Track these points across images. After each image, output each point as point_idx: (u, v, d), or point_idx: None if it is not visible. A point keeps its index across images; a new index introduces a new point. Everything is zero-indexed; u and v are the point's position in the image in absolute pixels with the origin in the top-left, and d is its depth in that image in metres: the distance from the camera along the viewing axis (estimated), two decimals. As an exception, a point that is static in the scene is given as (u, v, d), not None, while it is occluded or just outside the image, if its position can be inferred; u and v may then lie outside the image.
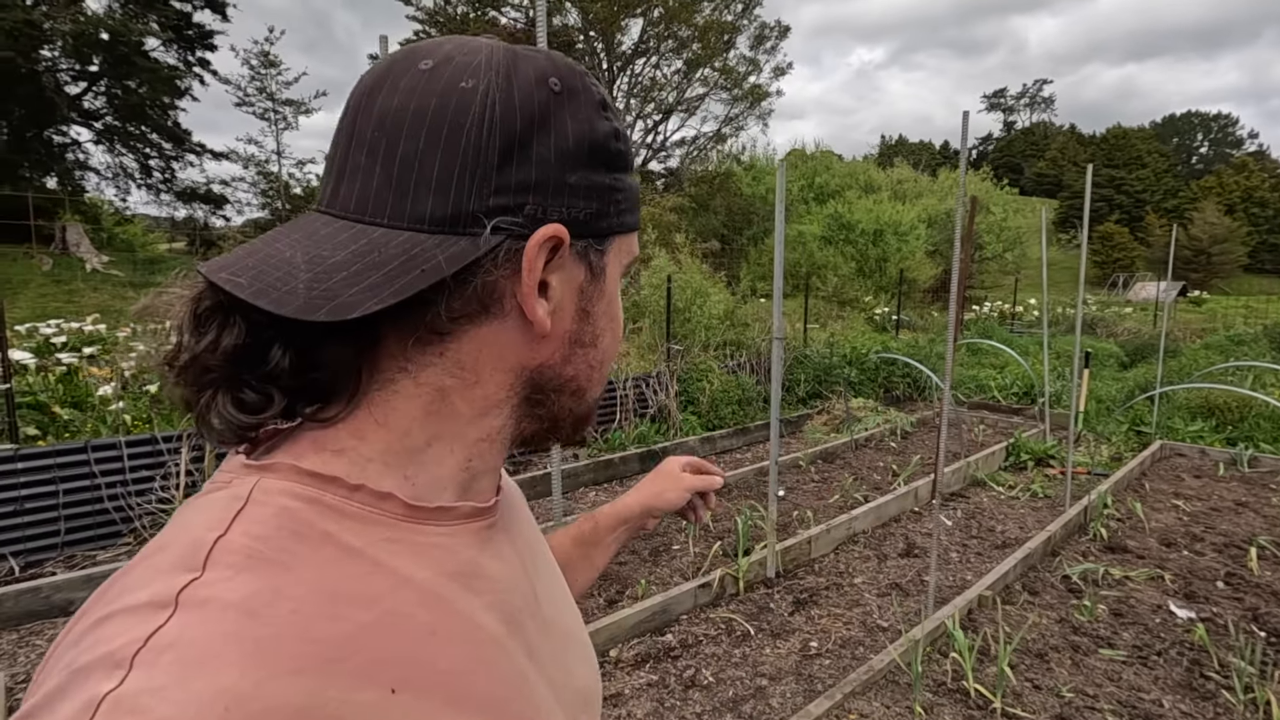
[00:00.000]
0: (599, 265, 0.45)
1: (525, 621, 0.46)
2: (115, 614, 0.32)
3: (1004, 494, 5.10)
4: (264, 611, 0.33)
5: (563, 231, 0.40)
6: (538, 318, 0.41)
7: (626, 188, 0.46)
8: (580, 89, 0.43)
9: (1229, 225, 42.96)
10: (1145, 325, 15.33)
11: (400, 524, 0.41)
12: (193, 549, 0.35)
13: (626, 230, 0.47)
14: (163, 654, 0.30)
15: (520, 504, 0.56)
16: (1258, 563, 3.79)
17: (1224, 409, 6.61)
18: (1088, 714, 2.49)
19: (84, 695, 0.29)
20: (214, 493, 0.39)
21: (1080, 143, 73.25)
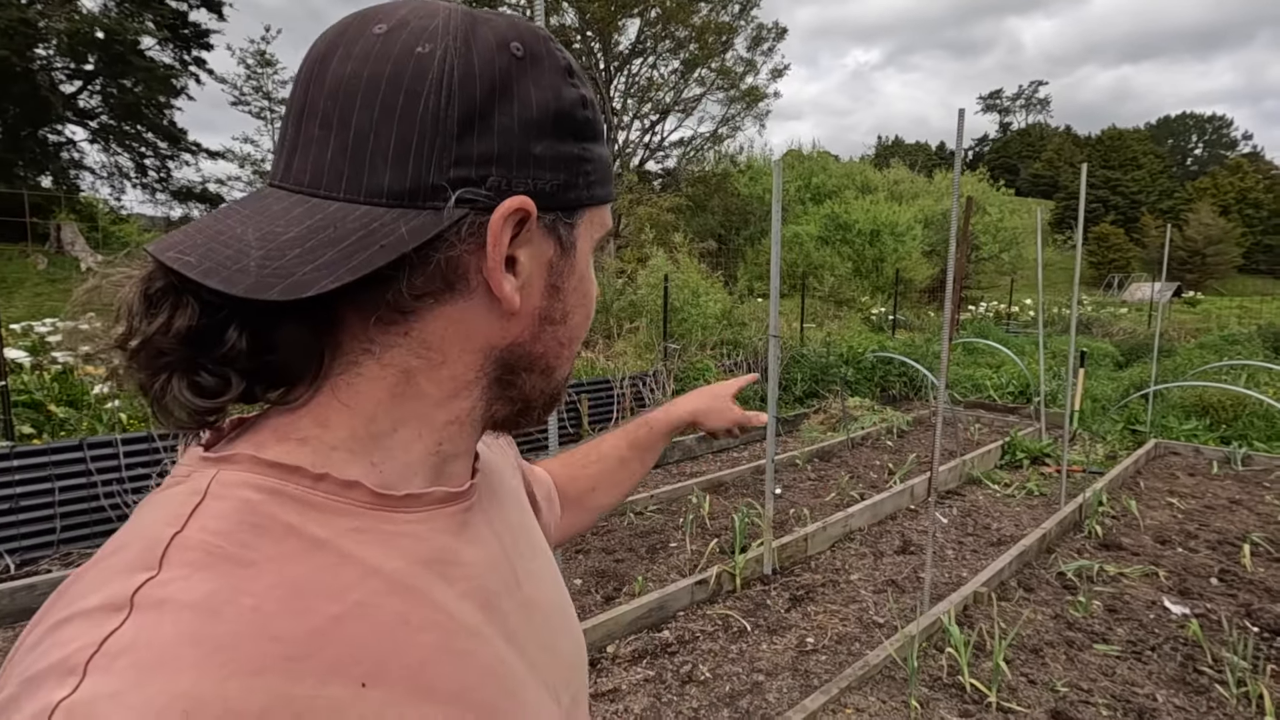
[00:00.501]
0: (569, 239, 0.43)
1: (503, 605, 0.45)
2: (70, 618, 0.31)
3: (1000, 492, 5.12)
4: (224, 610, 0.32)
5: (529, 204, 0.39)
6: (505, 294, 0.39)
7: (596, 158, 0.44)
8: (544, 54, 0.41)
9: (1224, 226, 43.15)
10: (1140, 325, 15.39)
11: (368, 513, 0.39)
12: (149, 547, 0.33)
13: (597, 202, 0.45)
14: (117, 659, 0.29)
15: (503, 481, 0.55)
16: (1251, 559, 3.81)
17: (1218, 408, 6.65)
18: (1082, 709, 2.50)
19: (36, 704, 0.28)
20: (172, 487, 0.38)
21: (1076, 144, 73.47)
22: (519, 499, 0.58)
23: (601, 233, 0.47)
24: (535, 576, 0.52)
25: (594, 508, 0.86)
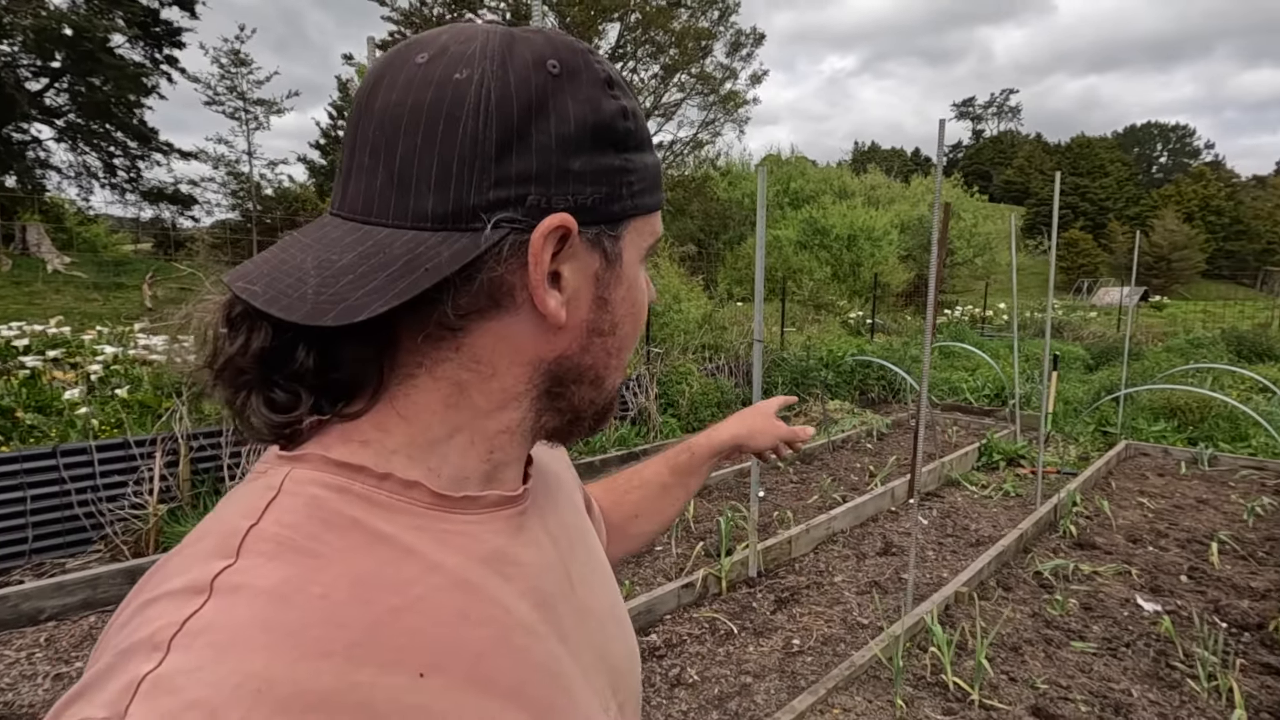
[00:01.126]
0: (614, 251, 0.44)
1: (558, 606, 0.47)
2: (157, 598, 0.34)
3: (977, 493, 5.21)
4: (294, 597, 0.34)
5: (569, 221, 0.39)
6: (550, 310, 0.40)
7: (640, 167, 0.44)
8: (582, 67, 0.41)
9: (1188, 233, 44.36)
10: (1109, 329, 15.76)
11: (428, 512, 0.41)
12: (228, 537, 0.36)
13: (643, 211, 0.45)
14: (197, 637, 0.32)
15: (559, 487, 0.57)
16: (1219, 557, 3.93)
17: (1185, 410, 6.83)
18: (1061, 704, 2.56)
19: (127, 675, 0.30)
20: (251, 482, 0.41)
21: (1046, 151, 75.03)
22: (575, 504, 0.59)
23: (651, 240, 0.47)
24: (589, 581, 0.53)
25: (637, 535, 0.84)
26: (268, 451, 0.43)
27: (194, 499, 4.04)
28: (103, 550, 3.72)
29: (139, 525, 3.71)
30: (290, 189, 22.84)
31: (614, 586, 0.58)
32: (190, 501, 4.02)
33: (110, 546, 3.70)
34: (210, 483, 4.10)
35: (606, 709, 0.49)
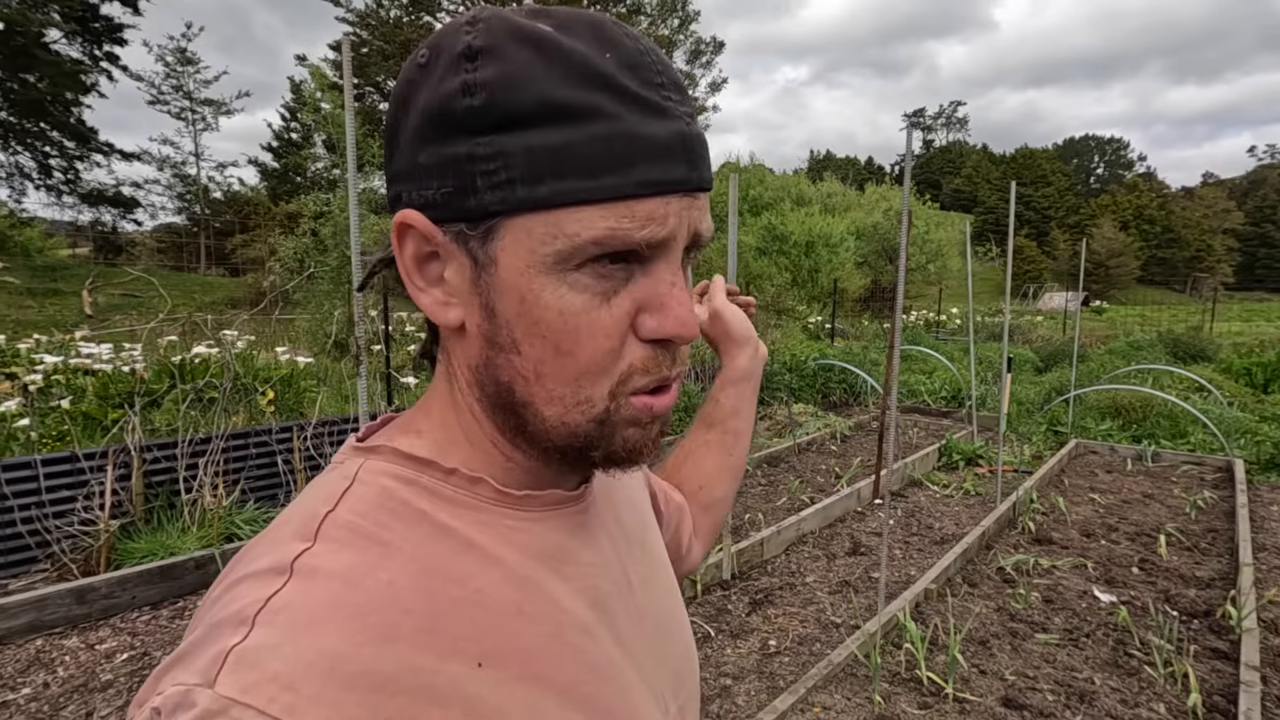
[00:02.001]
0: (482, 254, 0.38)
1: (615, 607, 0.47)
2: (245, 577, 0.37)
3: (939, 493, 5.35)
4: (363, 582, 0.36)
5: (412, 217, 0.39)
6: (422, 305, 0.41)
7: (506, 151, 0.35)
8: (444, 47, 0.37)
9: (1124, 240, 46.55)
10: (1055, 333, 16.40)
11: (491, 508, 0.42)
12: (307, 521, 0.38)
13: (522, 207, 0.36)
14: (278, 615, 0.34)
15: (619, 487, 0.56)
16: (1166, 549, 4.12)
17: (1129, 409, 7.15)
18: (1029, 695, 2.65)
19: (216, 647, 0.33)
20: (331, 471, 0.43)
21: (992, 161, 77.81)
22: (637, 506, 0.59)
23: (558, 246, 0.36)
24: (648, 583, 0.53)
25: (711, 503, 0.79)
26: (347, 441, 0.46)
27: (148, 514, 3.88)
28: (49, 569, 3.54)
29: (89, 542, 3.54)
30: (241, 192, 22.14)
31: (674, 589, 0.58)
32: (143, 516, 3.85)
33: (58, 565, 3.52)
34: (165, 496, 3.93)
35: (666, 711, 0.49)
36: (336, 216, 9.27)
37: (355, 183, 2.35)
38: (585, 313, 0.38)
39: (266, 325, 10.07)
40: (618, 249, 0.37)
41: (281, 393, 5.78)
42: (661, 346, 0.40)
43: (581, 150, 0.35)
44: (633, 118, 0.36)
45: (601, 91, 0.36)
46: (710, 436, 0.79)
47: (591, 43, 0.36)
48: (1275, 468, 5.85)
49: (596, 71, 0.36)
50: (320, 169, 9.84)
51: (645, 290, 0.39)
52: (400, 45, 21.00)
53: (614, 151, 0.36)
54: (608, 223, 0.36)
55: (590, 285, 0.38)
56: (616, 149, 0.36)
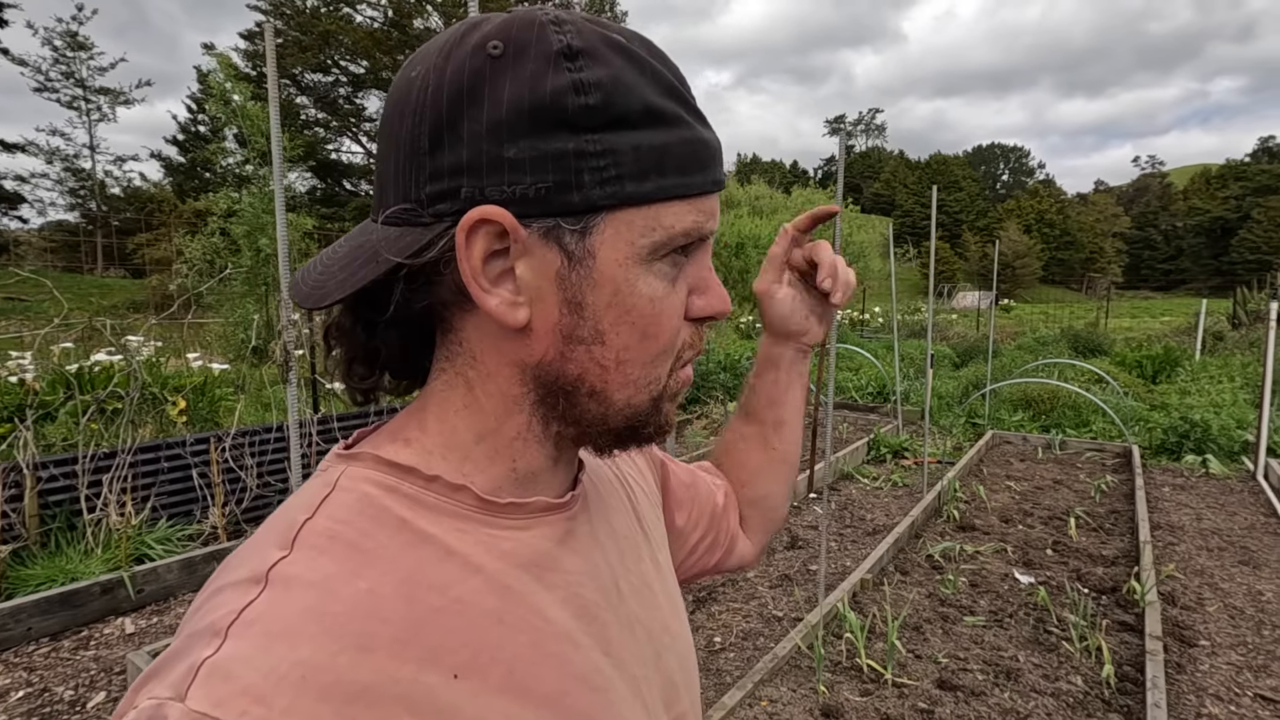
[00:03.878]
0: (579, 248, 0.39)
1: (603, 616, 0.46)
2: (223, 587, 0.36)
3: (869, 485, 5.55)
4: (340, 590, 0.36)
5: (496, 213, 0.37)
6: (491, 309, 0.39)
7: (614, 149, 0.38)
8: (531, 43, 0.37)
9: (1027, 243, 49.73)
10: (970, 330, 17.32)
11: (472, 515, 0.42)
12: (286, 529, 0.38)
13: (627, 202, 0.38)
14: (251, 626, 0.33)
15: (612, 494, 0.55)
16: (1076, 531, 4.41)
17: (1039, 400, 7.63)
18: (962, 675, 2.77)
19: (190, 659, 0.33)
20: (314, 479, 0.43)
21: (908, 167, 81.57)
22: (635, 510, 0.57)
23: (657, 236, 0.40)
24: (642, 592, 0.51)
25: (758, 500, 0.75)
26: (333, 450, 0.45)
27: (44, 537, 3.56)
28: (-73, 603, 3.19)
29: (-26, 570, 3.21)
30: (142, 188, 20.69)
31: (675, 598, 0.57)
32: (39, 540, 3.53)
33: (-63, 598, 3.18)
34: (64, 517, 3.62)
35: None
36: (248, 214, 8.79)
37: (282, 177, 2.22)
38: (666, 298, 0.42)
39: (174, 330, 9.45)
40: (694, 239, 0.42)
41: (194, 402, 5.43)
42: (701, 324, 0.46)
43: (677, 151, 0.40)
44: (697, 125, 0.42)
45: (678, 102, 0.41)
46: (748, 429, 0.74)
47: (657, 59, 0.41)
48: (1165, 452, 6.37)
49: (670, 84, 0.41)
50: (232, 164, 9.30)
51: (694, 275, 0.44)
52: (319, 36, 20.14)
53: (696, 154, 0.41)
54: (693, 216, 0.41)
55: (668, 273, 0.42)
56: (699, 153, 0.41)
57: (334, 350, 0.46)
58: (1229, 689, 2.77)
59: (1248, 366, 9.61)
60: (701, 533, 0.69)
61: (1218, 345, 12.51)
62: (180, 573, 3.53)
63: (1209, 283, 58.26)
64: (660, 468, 0.67)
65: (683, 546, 0.68)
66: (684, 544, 0.68)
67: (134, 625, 3.22)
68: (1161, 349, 10.57)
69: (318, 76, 23.26)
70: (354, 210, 24.05)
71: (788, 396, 0.72)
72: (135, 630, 3.18)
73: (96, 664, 2.89)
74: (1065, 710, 2.57)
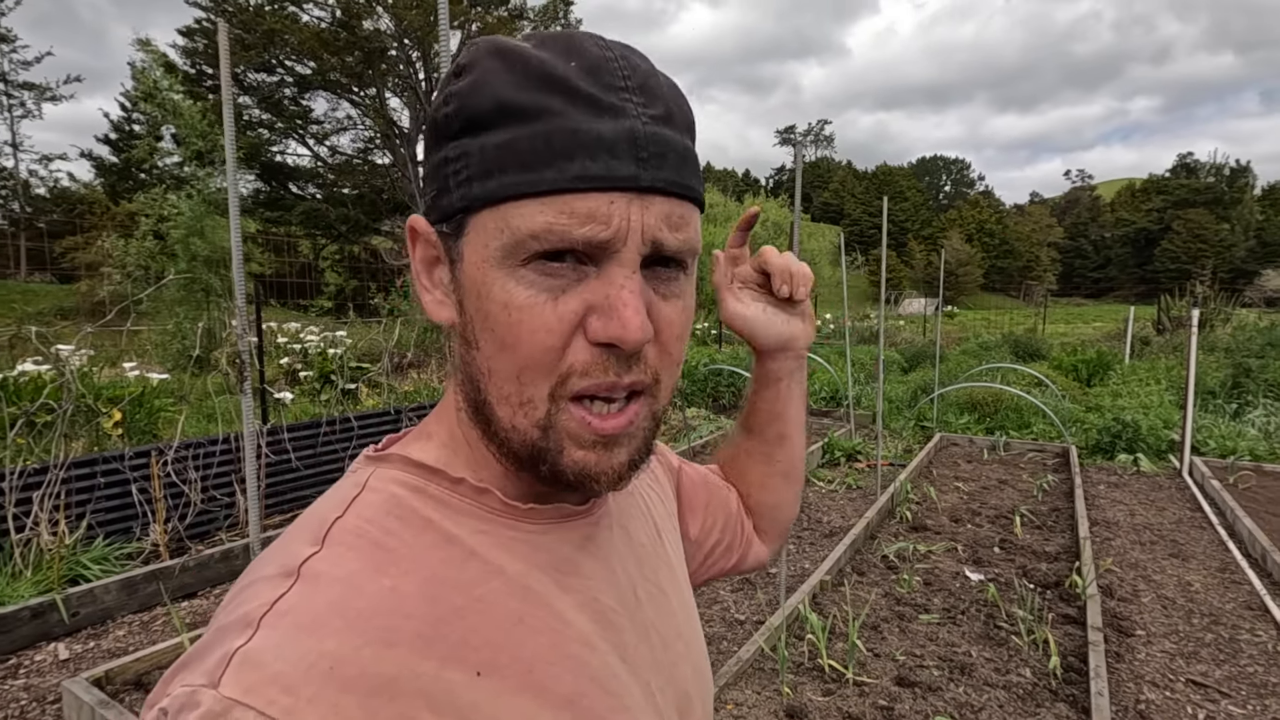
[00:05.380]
0: (454, 251, 0.41)
1: (619, 622, 0.47)
2: (255, 581, 0.37)
3: (825, 488, 5.67)
4: (366, 586, 0.37)
5: (416, 220, 0.43)
6: (423, 303, 0.43)
7: (466, 152, 0.38)
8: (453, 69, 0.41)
9: (969, 251, 51.66)
10: (916, 335, 17.86)
11: (496, 518, 0.43)
12: (317, 527, 0.39)
13: (478, 203, 0.38)
14: (283, 618, 0.35)
15: (633, 502, 0.56)
16: (1021, 529, 4.59)
17: (983, 403, 7.92)
18: (919, 672, 2.85)
19: (223, 648, 0.34)
20: (345, 479, 0.44)
21: (856, 177, 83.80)
22: (652, 518, 0.58)
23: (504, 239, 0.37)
24: (658, 600, 0.52)
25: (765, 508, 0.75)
26: (362, 453, 0.46)
27: (-34, 559, 3.34)
28: None
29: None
30: (71, 189, 19.66)
31: (689, 606, 0.58)
32: (-39, 563, 3.31)
33: None
34: (-11, 538, 3.40)
35: None
36: (184, 218, 8.44)
37: (235, 179, 2.15)
38: (528, 308, 0.38)
39: (107, 338, 8.99)
40: (557, 245, 0.37)
41: (132, 414, 5.18)
42: (610, 351, 0.39)
43: (523, 145, 0.37)
44: (580, 116, 0.37)
45: (553, 93, 0.37)
46: (750, 444, 0.73)
47: (560, 53, 0.38)
48: (1100, 451, 6.69)
49: (552, 75, 0.37)
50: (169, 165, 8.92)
51: (596, 292, 0.38)
52: (263, 35, 19.55)
53: (553, 147, 0.36)
54: (546, 217, 0.36)
55: (536, 282, 0.38)
56: (556, 144, 0.36)
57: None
58: (1164, 675, 2.92)
59: (1172, 369, 10.18)
60: (718, 537, 0.70)
61: (1145, 350, 13.23)
62: (119, 593, 3.36)
63: (1135, 290, 61.57)
64: (675, 473, 0.68)
65: (699, 551, 0.68)
66: (700, 549, 0.68)
67: (68, 650, 3.05)
68: (1095, 354, 11.11)
69: (262, 76, 22.55)
70: (300, 214, 23.34)
71: (789, 411, 0.71)
72: (70, 656, 3.01)
73: (27, 693, 2.73)
74: (1016, 701, 2.67)
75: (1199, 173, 75.96)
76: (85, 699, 2.35)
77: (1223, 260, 58.81)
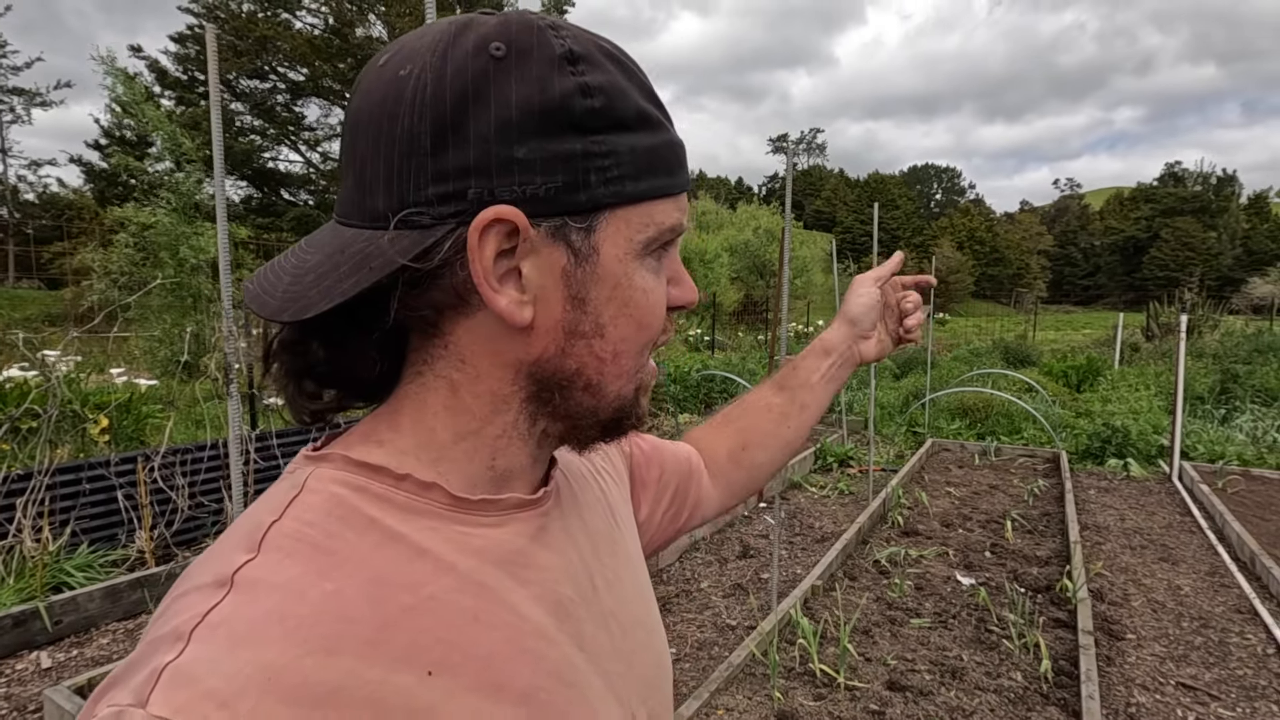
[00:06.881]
0: (585, 246, 0.40)
1: (577, 612, 0.46)
2: (187, 591, 0.36)
3: (817, 493, 5.67)
4: (307, 592, 0.35)
5: (510, 213, 0.37)
6: (501, 309, 0.39)
7: (615, 150, 0.39)
8: (533, 46, 0.38)
9: (960, 259, 52.01)
10: (908, 342, 17.92)
11: (444, 513, 0.42)
12: (252, 532, 0.38)
13: (626, 200, 0.40)
14: (216, 629, 0.33)
15: (585, 488, 0.55)
16: (1012, 533, 4.60)
17: (974, 409, 7.95)
18: (910, 676, 2.84)
19: (151, 664, 0.32)
20: (281, 480, 0.42)
21: (848, 185, 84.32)
22: (606, 503, 0.57)
23: (651, 233, 0.42)
24: (616, 587, 0.52)
25: (751, 465, 0.79)
26: (300, 452, 0.44)
27: (-52, 566, 3.29)
28: None
29: None
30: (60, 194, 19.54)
31: (646, 592, 0.57)
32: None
33: None
34: (-29, 545, 3.36)
35: (633, 717, 0.49)
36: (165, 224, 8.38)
37: (224, 187, 2.13)
38: (656, 289, 0.44)
39: (94, 344, 8.92)
40: (677, 234, 0.45)
41: (119, 420, 5.13)
42: (670, 314, 0.47)
43: (663, 153, 0.43)
44: (672, 129, 0.44)
45: (657, 107, 0.43)
46: (775, 400, 0.81)
47: (635, 66, 0.43)
48: (1090, 456, 6.72)
49: (650, 90, 0.43)
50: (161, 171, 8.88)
51: (669, 269, 0.47)
52: (256, 41, 19.53)
53: (676, 155, 0.44)
54: (676, 213, 0.44)
55: (655, 267, 0.45)
56: (677, 153, 0.44)
57: (273, 367, 0.44)
58: (1154, 679, 2.93)
59: (1161, 375, 10.25)
60: (665, 505, 0.72)
61: (1134, 356, 13.32)
62: (103, 601, 3.32)
63: (1124, 297, 62.13)
64: (628, 455, 0.69)
65: (648, 528, 0.70)
66: (649, 526, 0.70)
67: (51, 659, 3.00)
68: (1084, 360, 11.18)
69: (254, 83, 22.54)
70: (292, 220, 23.28)
71: (822, 387, 0.81)
72: (53, 664, 2.97)
73: (8, 702, 2.68)
74: (1007, 705, 2.66)
75: (1186, 181, 76.85)
76: (67, 707, 2.31)
77: (1210, 268, 59.47)
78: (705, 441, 0.80)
